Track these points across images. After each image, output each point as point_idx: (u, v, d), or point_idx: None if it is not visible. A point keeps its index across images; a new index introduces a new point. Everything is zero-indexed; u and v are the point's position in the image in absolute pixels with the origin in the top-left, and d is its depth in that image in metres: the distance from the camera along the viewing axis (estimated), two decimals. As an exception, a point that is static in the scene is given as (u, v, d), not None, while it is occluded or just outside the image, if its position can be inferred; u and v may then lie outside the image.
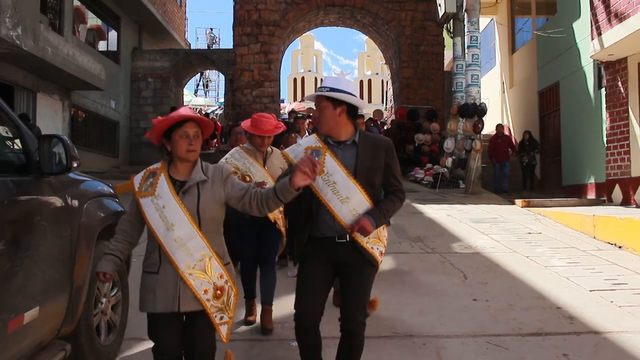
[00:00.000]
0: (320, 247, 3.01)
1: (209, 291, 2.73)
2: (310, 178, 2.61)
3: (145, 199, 2.76)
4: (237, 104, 17.63)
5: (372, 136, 3.16)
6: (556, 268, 6.34)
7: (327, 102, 2.99)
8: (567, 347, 4.05)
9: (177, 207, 2.71)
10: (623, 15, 9.19)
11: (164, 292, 2.70)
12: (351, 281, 3.01)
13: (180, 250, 2.69)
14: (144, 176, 2.85)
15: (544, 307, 5.00)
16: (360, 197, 2.94)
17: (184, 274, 2.69)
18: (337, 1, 17.97)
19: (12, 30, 9.79)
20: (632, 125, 10.11)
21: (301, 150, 3.06)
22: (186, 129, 2.76)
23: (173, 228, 2.69)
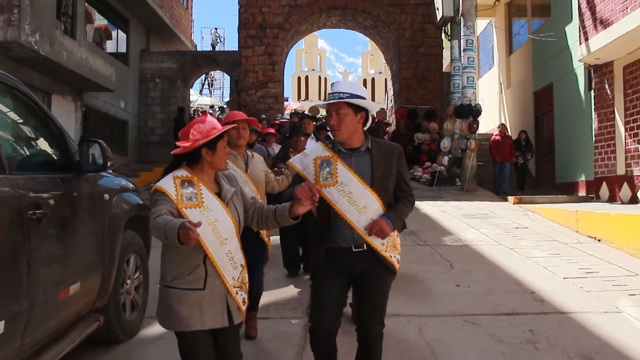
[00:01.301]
0: (335, 258, 2.93)
1: (245, 301, 2.76)
2: (309, 207, 2.64)
3: (192, 210, 2.59)
4: (242, 104, 18.20)
5: (384, 142, 3.10)
6: (537, 259, 6.89)
7: (349, 108, 2.91)
8: (534, 324, 4.60)
9: (229, 220, 2.67)
10: (608, 22, 9.72)
11: (211, 308, 2.63)
12: (369, 290, 2.95)
13: (229, 265, 2.66)
14: (177, 183, 2.65)
15: (519, 292, 5.56)
16: (377, 206, 2.89)
17: (230, 288, 2.67)
18: (339, 4, 18.53)
19: (31, 36, 10.38)
20: (618, 126, 10.63)
21: (310, 160, 2.98)
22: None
23: (226, 242, 2.64)
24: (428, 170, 15.56)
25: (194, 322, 2.60)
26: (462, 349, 4.12)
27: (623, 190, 10.45)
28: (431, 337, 4.33)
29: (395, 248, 3.00)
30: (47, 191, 3.08)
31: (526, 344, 4.19)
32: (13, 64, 11.10)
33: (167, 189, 2.60)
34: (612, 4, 9.57)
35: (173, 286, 2.62)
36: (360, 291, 3.00)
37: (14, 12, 10.08)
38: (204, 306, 2.61)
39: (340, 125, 2.90)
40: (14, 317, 2.64)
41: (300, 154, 3.10)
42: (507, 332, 4.45)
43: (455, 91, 14.83)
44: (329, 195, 2.88)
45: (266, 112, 17.14)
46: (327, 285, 2.94)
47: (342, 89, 2.92)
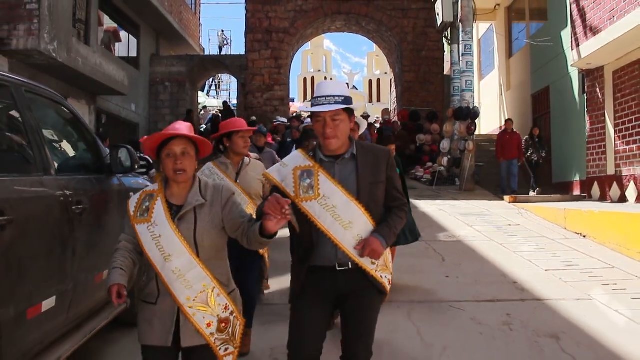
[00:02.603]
0: (318, 278, 2.68)
1: (212, 324, 2.55)
2: (281, 221, 2.34)
3: (141, 225, 2.59)
4: (249, 107, 18.77)
5: (371, 147, 2.83)
6: (523, 253, 7.40)
7: (344, 114, 2.66)
8: (512, 309, 5.13)
9: (173, 236, 2.52)
10: (597, 29, 10.22)
11: (161, 325, 2.56)
12: (355, 316, 2.67)
13: (178, 282, 2.51)
14: (139, 199, 2.68)
15: (503, 282, 6.08)
16: (364, 220, 2.62)
17: (184, 307, 2.52)
18: (343, 9, 19.07)
19: (50, 44, 10.96)
20: (608, 128, 11.12)
21: (288, 171, 2.70)
22: (172, 147, 2.56)
23: (171, 259, 2.51)
24: (429, 171, 16.07)
25: (144, 337, 2.59)
26: (445, 329, 4.65)
27: (613, 189, 10.95)
28: (418, 319, 4.87)
29: (387, 267, 2.74)
30: (85, 189, 3.63)
31: (502, 325, 4.73)
32: (32, 70, 11.68)
33: (130, 205, 2.67)
34: (600, 13, 10.07)
35: (142, 298, 2.65)
36: (346, 315, 2.72)
37: (34, 22, 10.66)
38: (155, 322, 2.56)
39: (337, 132, 2.63)
40: (62, 294, 3.19)
41: (279, 164, 2.82)
42: (486, 316, 4.97)
43: (455, 94, 15.34)
44: (311, 209, 2.61)
45: (272, 114, 17.68)
46: (309, 308, 2.69)
47: (334, 91, 2.64)
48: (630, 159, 10.35)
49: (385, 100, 50.06)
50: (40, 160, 3.30)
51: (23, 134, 3.26)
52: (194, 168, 2.65)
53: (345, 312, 2.73)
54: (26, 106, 3.30)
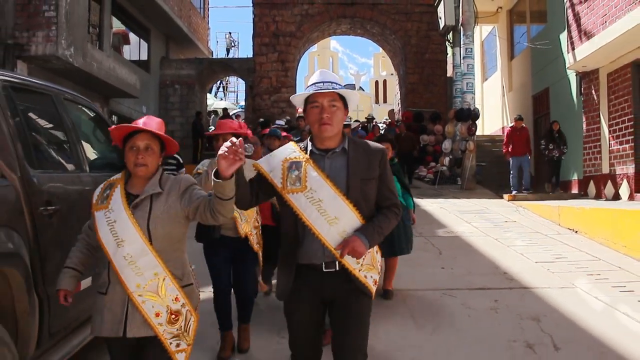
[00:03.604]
0: (305, 279, 2.59)
1: (161, 315, 2.52)
2: (234, 161, 2.28)
3: (99, 212, 2.63)
4: (256, 109, 19.26)
5: (364, 143, 2.72)
6: (516, 247, 7.83)
7: (340, 101, 2.62)
8: (500, 296, 5.57)
9: (127, 221, 2.54)
10: (590, 34, 10.63)
11: (110, 315, 2.54)
12: (345, 320, 2.57)
13: (129, 268, 2.51)
14: (103, 187, 2.73)
15: (494, 273, 6.52)
16: (351, 216, 2.53)
17: (133, 295, 2.50)
18: (348, 13, 19.54)
19: (67, 50, 11.48)
20: (603, 128, 11.53)
21: (277, 161, 2.64)
22: (136, 141, 2.60)
23: (123, 244, 2.52)
24: (432, 170, 16.50)
25: (96, 328, 2.59)
26: (437, 313, 5.11)
27: (607, 187, 11.35)
28: (413, 304, 5.33)
29: (373, 267, 2.64)
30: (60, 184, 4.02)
31: (489, 310, 5.18)
32: (49, 74, 12.19)
33: (94, 194, 2.73)
34: (593, 18, 10.48)
35: (96, 290, 2.67)
36: (336, 321, 2.62)
37: (52, 29, 11.17)
38: (105, 312, 2.55)
39: (333, 119, 2.57)
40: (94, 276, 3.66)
41: (268, 155, 2.77)
42: (476, 301, 5.42)
43: (457, 96, 15.76)
44: (296, 202, 2.54)
45: (279, 116, 18.11)
46: (302, 311, 2.64)
47: (332, 78, 2.62)
48: (624, 158, 10.76)
49: (391, 101, 50.36)
50: (77, 159, 3.78)
51: (62, 136, 3.74)
52: (156, 164, 2.66)
53: (335, 320, 2.62)
54: (64, 111, 3.78)
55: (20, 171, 2.99)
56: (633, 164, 10.43)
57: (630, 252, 7.08)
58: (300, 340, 2.69)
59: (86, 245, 2.75)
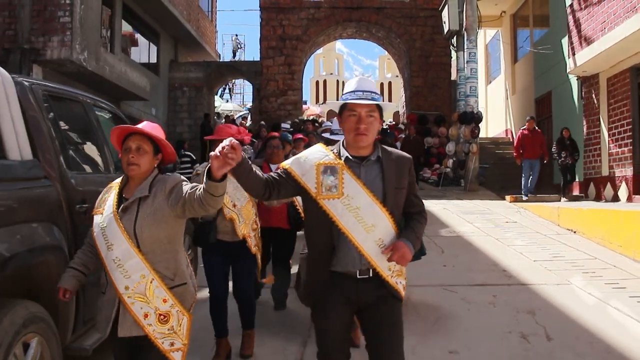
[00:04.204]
0: (339, 284, 2.60)
1: (149, 315, 2.59)
2: (224, 163, 2.30)
3: (96, 216, 2.73)
4: (263, 111, 19.60)
5: (394, 152, 2.75)
6: (516, 247, 8.11)
7: (378, 112, 2.63)
8: (498, 291, 5.87)
9: (115, 226, 2.61)
10: (590, 40, 10.93)
11: (104, 314, 2.67)
12: (380, 325, 2.59)
13: (118, 271, 2.58)
14: (104, 191, 2.83)
15: (494, 270, 6.82)
16: (386, 223, 2.55)
17: (123, 297, 2.58)
18: (354, 17, 19.86)
19: (81, 54, 11.85)
20: (602, 132, 11.83)
21: (310, 165, 2.61)
22: (128, 142, 2.68)
23: (112, 247, 2.60)
24: (436, 172, 16.79)
25: (96, 326, 2.76)
26: (438, 307, 5.42)
27: (607, 189, 11.64)
28: (416, 299, 5.63)
29: (402, 273, 2.67)
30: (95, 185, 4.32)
31: (487, 304, 5.49)
32: (63, 77, 12.56)
33: (99, 197, 2.85)
34: (593, 24, 10.78)
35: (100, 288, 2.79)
36: (371, 327, 2.64)
37: (67, 33, 11.56)
38: (102, 311, 2.67)
39: (370, 130, 2.58)
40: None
41: (297, 157, 2.73)
42: (475, 296, 5.73)
43: (461, 99, 16.05)
44: (332, 208, 2.54)
45: (286, 118, 18.42)
46: (333, 317, 2.63)
47: (370, 88, 2.63)
48: (622, 161, 11.05)
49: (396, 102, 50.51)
50: (105, 161, 4.12)
51: (92, 140, 4.07)
52: (149, 164, 2.70)
53: (370, 326, 2.64)
54: (94, 117, 4.12)
55: (59, 173, 3.32)
56: (631, 166, 10.73)
57: (625, 252, 7.37)
58: (330, 346, 2.68)
59: (89, 247, 2.81)
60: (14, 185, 2.91)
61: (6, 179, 2.86)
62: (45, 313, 2.98)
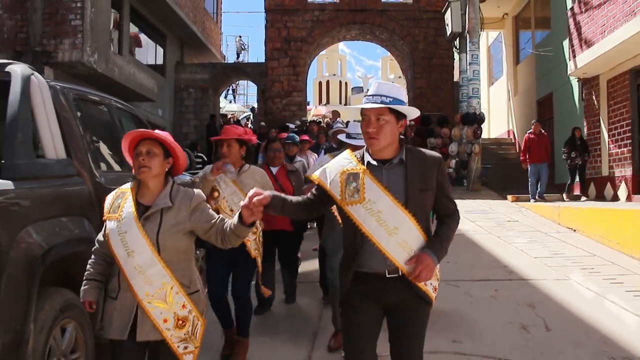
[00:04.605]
0: (366, 284, 2.63)
1: (168, 320, 2.65)
2: (253, 214, 2.50)
3: (111, 221, 2.72)
4: (268, 112, 19.86)
5: (421, 152, 2.72)
6: (517, 244, 8.34)
7: (391, 115, 2.60)
8: (500, 286, 6.11)
9: (138, 233, 2.63)
10: (590, 42, 11.16)
11: (119, 319, 2.66)
12: (404, 326, 2.62)
13: (139, 278, 2.62)
14: (114, 196, 2.82)
15: (495, 267, 7.05)
16: (409, 226, 2.56)
17: (142, 302, 2.62)
18: (358, 19, 20.11)
19: (91, 56, 12.10)
20: (603, 132, 12.05)
21: (335, 173, 2.67)
22: (139, 147, 2.73)
23: (133, 255, 2.62)
24: (439, 172, 17.01)
25: (105, 330, 2.71)
26: (441, 300, 5.60)
27: (607, 189, 11.86)
28: (420, 293, 5.86)
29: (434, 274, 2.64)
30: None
31: (489, 298, 5.72)
32: (73, 79, 12.78)
33: (106, 202, 2.85)
34: (593, 27, 11.01)
35: (106, 292, 2.79)
36: (395, 325, 2.67)
37: (78, 36, 11.81)
38: (114, 316, 2.67)
39: (380, 133, 2.58)
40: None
41: (324, 166, 2.80)
42: (478, 291, 5.96)
43: (463, 100, 16.29)
44: (355, 213, 2.58)
45: (291, 119, 18.66)
46: (360, 317, 2.66)
47: (383, 91, 2.61)
48: (622, 161, 11.27)
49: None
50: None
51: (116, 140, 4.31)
52: (159, 167, 2.73)
53: (394, 323, 2.67)
54: (117, 118, 4.37)
55: (89, 171, 3.57)
56: (630, 166, 10.95)
57: (623, 249, 7.59)
58: (356, 346, 2.67)
59: (102, 256, 2.81)
60: (52, 182, 3.16)
61: (45, 176, 3.11)
62: (79, 301, 3.22)
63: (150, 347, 2.74)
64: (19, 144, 2.94)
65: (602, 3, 10.64)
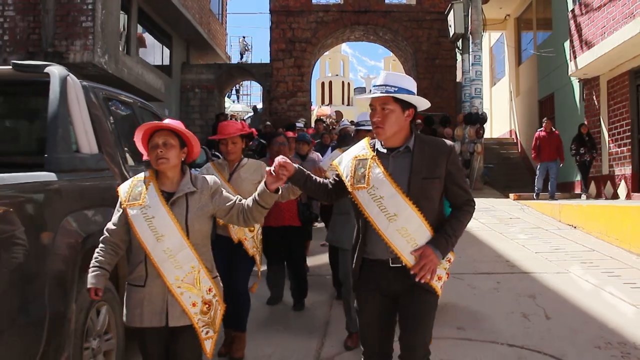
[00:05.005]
0: (373, 274, 2.69)
1: (197, 304, 2.70)
2: (277, 178, 2.58)
3: (133, 208, 2.73)
4: (273, 112, 20.10)
5: (431, 140, 2.76)
6: (519, 240, 8.59)
7: (396, 104, 2.63)
8: (502, 279, 6.35)
9: (167, 217, 2.67)
10: (591, 44, 11.39)
11: (151, 306, 2.69)
12: (410, 312, 2.64)
13: (169, 262, 2.65)
14: (131, 185, 2.84)
15: (498, 261, 7.30)
16: (409, 213, 2.56)
17: (172, 287, 2.66)
18: (362, 20, 20.36)
19: (102, 57, 12.36)
20: (603, 132, 12.28)
21: (348, 159, 2.77)
22: (155, 139, 2.76)
23: (163, 239, 2.65)
24: (441, 171, 17.25)
25: (134, 319, 2.72)
26: (446, 291, 5.82)
27: (607, 187, 12.09)
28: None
29: None
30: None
31: (492, 289, 5.97)
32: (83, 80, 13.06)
33: (121, 191, 2.85)
34: (593, 29, 11.24)
35: (128, 282, 2.80)
36: (402, 314, 2.69)
37: (89, 38, 12.07)
38: (144, 304, 2.69)
39: (385, 122, 2.62)
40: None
41: (343, 154, 2.89)
42: (481, 283, 6.20)
43: (466, 100, 16.52)
44: (360, 198, 2.64)
45: (295, 119, 18.82)
46: (370, 301, 2.73)
47: (389, 81, 2.65)
48: (622, 160, 11.51)
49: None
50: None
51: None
52: (176, 158, 2.78)
53: (401, 314, 2.69)
54: (140, 117, 4.62)
55: (119, 165, 3.82)
56: (630, 165, 11.18)
57: (622, 244, 7.84)
58: (369, 331, 2.73)
59: (112, 245, 2.81)
60: (87, 175, 3.41)
61: (81, 169, 3.36)
62: (112, 285, 3.47)
63: (173, 332, 2.74)
64: (60, 139, 3.19)
65: (602, 5, 10.87)
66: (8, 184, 2.67)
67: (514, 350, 4.32)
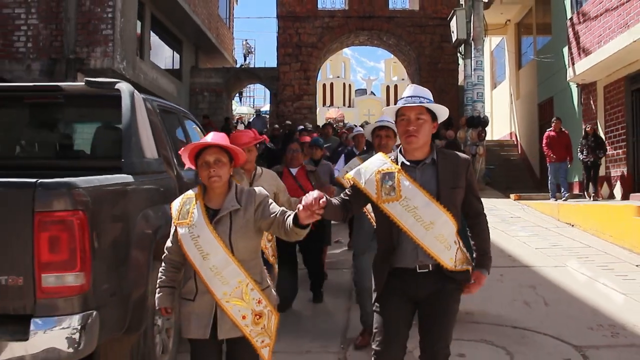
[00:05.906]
0: (399, 280, 2.79)
1: (247, 317, 2.74)
2: (312, 215, 2.53)
3: (182, 227, 2.80)
4: (280, 115, 20.68)
5: (450, 153, 2.90)
6: (520, 237, 9.16)
7: (428, 114, 2.78)
8: (505, 272, 6.92)
9: (211, 236, 2.72)
10: (588, 51, 11.98)
11: (198, 320, 2.76)
12: (434, 313, 2.75)
13: (216, 279, 2.71)
14: (181, 202, 2.89)
15: (501, 255, 7.84)
16: (444, 219, 2.70)
17: (221, 302, 2.71)
18: (366, 26, 20.96)
19: (120, 63, 12.94)
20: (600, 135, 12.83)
21: (370, 173, 2.82)
22: (205, 157, 2.77)
23: (208, 257, 2.71)
24: (444, 173, 17.80)
25: (185, 330, 2.82)
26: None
27: (604, 188, 12.67)
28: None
29: (465, 259, 2.83)
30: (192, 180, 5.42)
31: (495, 281, 6.51)
32: (102, 84, 13.63)
33: (173, 208, 2.91)
34: (590, 37, 11.83)
35: (181, 296, 2.88)
36: (425, 314, 2.81)
37: (109, 45, 12.65)
38: (192, 317, 2.77)
39: (419, 131, 2.74)
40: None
41: (359, 167, 2.95)
42: (485, 275, 6.77)
43: (468, 104, 17.11)
44: (392, 210, 2.73)
45: (302, 121, 19.36)
46: (392, 310, 2.81)
47: (421, 93, 2.80)
48: (617, 162, 12.09)
49: (402, 106, 51.18)
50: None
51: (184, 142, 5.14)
52: (228, 174, 2.81)
53: (424, 312, 2.79)
54: (184, 124, 5.19)
55: (174, 168, 4.39)
56: (625, 167, 11.75)
57: (616, 241, 8.42)
58: (386, 339, 2.79)
59: (172, 263, 2.92)
60: (153, 177, 3.98)
61: (149, 171, 3.93)
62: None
63: (228, 343, 2.83)
64: (133, 146, 3.75)
65: (598, 15, 11.45)
66: (98, 185, 3.21)
67: (517, 331, 4.90)
